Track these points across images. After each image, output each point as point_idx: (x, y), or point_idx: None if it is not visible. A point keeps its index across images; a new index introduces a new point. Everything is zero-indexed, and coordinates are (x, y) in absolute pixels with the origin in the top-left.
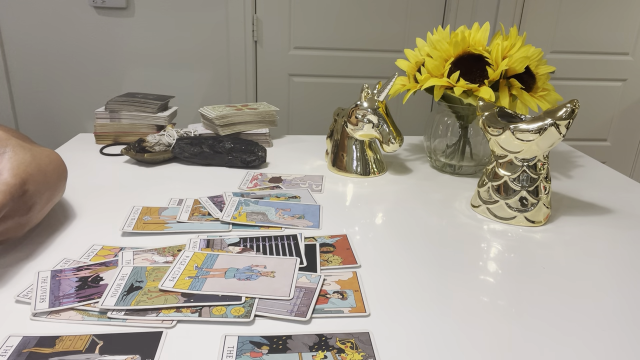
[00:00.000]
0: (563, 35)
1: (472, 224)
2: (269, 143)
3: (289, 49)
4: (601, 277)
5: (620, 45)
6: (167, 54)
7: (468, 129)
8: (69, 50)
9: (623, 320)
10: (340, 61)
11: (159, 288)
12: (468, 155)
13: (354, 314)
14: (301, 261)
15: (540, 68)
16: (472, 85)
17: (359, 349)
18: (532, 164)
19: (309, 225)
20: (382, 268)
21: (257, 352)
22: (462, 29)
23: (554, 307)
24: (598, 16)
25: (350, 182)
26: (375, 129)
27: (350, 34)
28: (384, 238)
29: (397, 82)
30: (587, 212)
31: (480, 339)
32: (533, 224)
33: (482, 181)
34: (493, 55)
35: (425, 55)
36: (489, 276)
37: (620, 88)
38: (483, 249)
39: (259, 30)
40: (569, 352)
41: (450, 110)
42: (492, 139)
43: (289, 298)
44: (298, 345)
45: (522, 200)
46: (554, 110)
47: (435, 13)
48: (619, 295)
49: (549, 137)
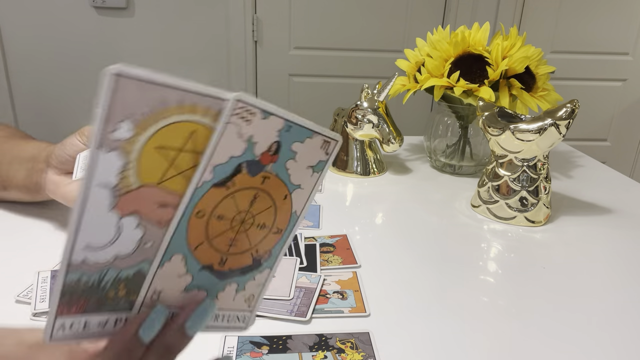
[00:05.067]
0: (563, 35)
1: (472, 224)
2: None
3: (289, 49)
4: (601, 277)
5: (620, 45)
6: (167, 53)
7: (468, 129)
8: (69, 50)
9: (623, 320)
10: (340, 61)
11: None
12: (468, 155)
13: (354, 314)
14: (301, 261)
15: (540, 68)
16: (472, 85)
17: (359, 349)
18: (532, 164)
19: (309, 225)
20: (382, 268)
21: (257, 352)
22: (462, 29)
23: (554, 307)
24: (598, 16)
25: (350, 182)
26: (375, 129)
27: (350, 34)
28: (384, 238)
29: (397, 82)
30: (587, 212)
31: (480, 338)
32: (533, 224)
33: (482, 181)
34: (493, 55)
35: (425, 55)
36: (489, 276)
37: (620, 88)
38: (483, 249)
39: (259, 30)
40: (569, 352)
41: (450, 110)
42: (492, 139)
43: (289, 298)
44: (298, 345)
45: (522, 200)
46: (554, 110)
47: (435, 13)
48: (619, 295)
49: (549, 137)
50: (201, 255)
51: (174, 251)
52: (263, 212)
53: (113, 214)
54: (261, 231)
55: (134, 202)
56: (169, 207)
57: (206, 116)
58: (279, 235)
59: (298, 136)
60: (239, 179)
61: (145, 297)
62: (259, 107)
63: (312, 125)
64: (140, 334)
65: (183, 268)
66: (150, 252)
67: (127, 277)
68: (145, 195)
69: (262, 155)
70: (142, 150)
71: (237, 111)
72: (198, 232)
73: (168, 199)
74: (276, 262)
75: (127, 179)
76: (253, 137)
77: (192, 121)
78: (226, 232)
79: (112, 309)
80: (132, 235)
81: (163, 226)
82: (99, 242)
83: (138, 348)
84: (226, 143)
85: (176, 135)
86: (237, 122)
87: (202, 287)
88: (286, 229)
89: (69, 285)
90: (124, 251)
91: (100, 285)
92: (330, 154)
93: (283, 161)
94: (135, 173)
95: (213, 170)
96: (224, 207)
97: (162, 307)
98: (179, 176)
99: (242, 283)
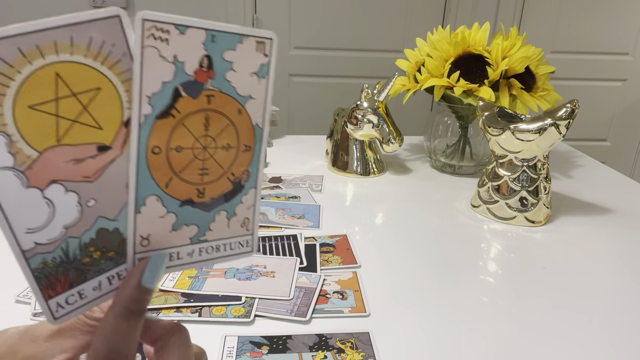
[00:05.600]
0: (563, 35)
1: (472, 224)
2: (269, 143)
3: (289, 49)
4: (601, 277)
5: (620, 45)
6: None
7: (468, 129)
8: None
9: (623, 320)
10: (340, 61)
11: (159, 288)
12: (468, 155)
13: (354, 314)
14: (301, 261)
15: (540, 68)
16: (472, 85)
17: (359, 349)
18: (532, 164)
19: (309, 225)
20: (382, 268)
21: (257, 352)
22: (462, 29)
23: (554, 307)
24: (598, 16)
25: (350, 182)
26: (375, 129)
27: (351, 34)
28: (384, 238)
29: (397, 82)
30: (587, 212)
31: (480, 338)
32: (533, 224)
33: (482, 181)
34: (493, 55)
35: (425, 55)
36: (489, 276)
37: (620, 88)
38: (483, 249)
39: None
40: (569, 351)
41: (450, 110)
42: (492, 139)
43: (289, 298)
44: (298, 345)
45: (522, 200)
46: (554, 110)
47: (435, 13)
48: (619, 294)
49: (549, 137)
50: (175, 191)
51: (144, 194)
52: (222, 133)
53: (33, 191)
54: (229, 152)
55: (45, 171)
56: (86, 158)
57: (61, 52)
58: (250, 152)
59: (227, 44)
60: (182, 104)
61: (135, 245)
62: (171, 22)
63: (239, 29)
64: (143, 282)
65: (162, 208)
66: (101, 209)
67: (91, 240)
68: (52, 159)
69: (195, 73)
70: (15, 118)
71: (150, 32)
72: (162, 170)
73: (80, 152)
74: (258, 180)
75: (21, 152)
76: (178, 56)
77: (47, 64)
78: (192, 162)
79: (97, 273)
80: (67, 201)
81: (94, 179)
82: (36, 222)
83: (145, 296)
84: (151, 69)
85: (41, 86)
86: (154, 44)
87: (190, 222)
88: (255, 143)
89: (39, 270)
90: (69, 219)
91: (69, 257)
92: (270, 55)
93: (221, 74)
94: (25, 143)
95: (150, 102)
96: (178, 138)
97: (159, 254)
98: (76, 125)
99: (231, 209)
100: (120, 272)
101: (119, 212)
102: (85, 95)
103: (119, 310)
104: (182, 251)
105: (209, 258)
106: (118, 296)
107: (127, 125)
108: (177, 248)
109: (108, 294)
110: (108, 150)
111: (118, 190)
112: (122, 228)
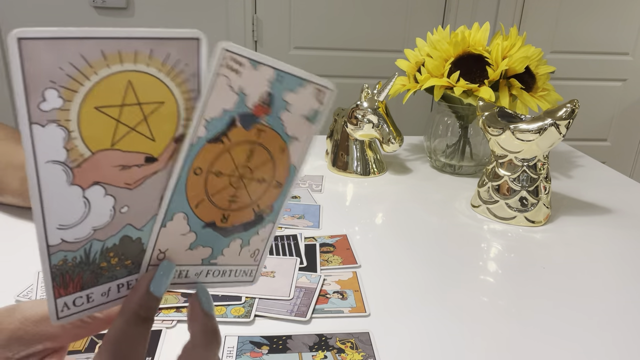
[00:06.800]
0: (563, 35)
1: (472, 224)
2: None
3: (289, 49)
4: (601, 277)
5: (620, 45)
6: None
7: (468, 129)
8: None
9: (623, 320)
10: (340, 61)
11: None
12: (468, 155)
13: (354, 314)
14: (301, 261)
15: (540, 68)
16: (472, 85)
17: (359, 349)
18: (532, 164)
19: (309, 225)
20: (382, 268)
21: (257, 352)
22: (462, 29)
23: (554, 307)
24: (598, 16)
25: (350, 182)
26: (375, 129)
27: (350, 34)
28: (384, 238)
29: (397, 82)
30: (587, 212)
31: (480, 338)
32: (533, 224)
33: (482, 181)
34: (493, 55)
35: (425, 55)
36: (489, 276)
37: (620, 88)
38: (483, 249)
39: (259, 30)
40: (569, 351)
41: (450, 110)
42: (492, 139)
43: (289, 298)
44: (298, 345)
45: (522, 200)
46: (554, 110)
47: (435, 13)
48: (619, 295)
49: (549, 137)
50: (202, 212)
51: (175, 210)
52: (261, 166)
53: (75, 189)
54: (261, 186)
55: (92, 171)
56: (132, 166)
57: (138, 62)
58: (279, 189)
59: (290, 85)
60: (234, 133)
61: (152, 258)
62: (247, 57)
63: (304, 74)
64: (151, 289)
65: (186, 227)
66: (131, 217)
67: (114, 245)
68: (101, 161)
69: (254, 107)
70: (80, 116)
71: (226, 62)
72: (197, 190)
73: (128, 159)
74: (278, 216)
75: (76, 149)
76: (244, 89)
77: (123, 71)
78: (226, 189)
79: (109, 278)
80: (103, 204)
81: (134, 187)
82: (70, 219)
83: (153, 303)
84: (217, 96)
85: (112, 90)
86: (226, 73)
87: (206, 244)
88: (286, 182)
89: (57, 267)
90: (100, 222)
91: (89, 259)
92: (324, 103)
93: (277, 112)
94: (82, 142)
95: (206, 126)
96: (221, 163)
97: (168, 262)
98: (133, 133)
99: (247, 238)
100: (130, 281)
101: (146, 222)
102: (148, 107)
103: (128, 316)
104: (192, 270)
105: (213, 281)
106: (127, 302)
107: (177, 141)
108: (188, 266)
109: (114, 301)
110: (154, 162)
111: (151, 201)
112: (144, 239)
